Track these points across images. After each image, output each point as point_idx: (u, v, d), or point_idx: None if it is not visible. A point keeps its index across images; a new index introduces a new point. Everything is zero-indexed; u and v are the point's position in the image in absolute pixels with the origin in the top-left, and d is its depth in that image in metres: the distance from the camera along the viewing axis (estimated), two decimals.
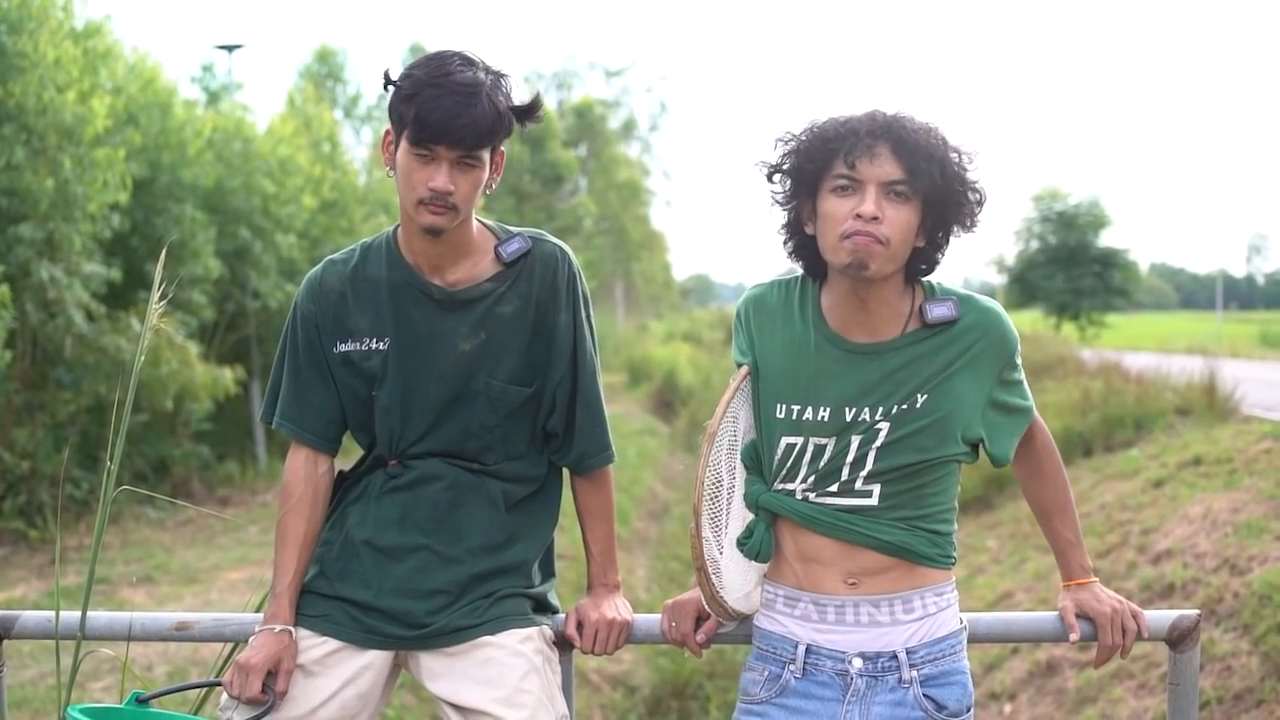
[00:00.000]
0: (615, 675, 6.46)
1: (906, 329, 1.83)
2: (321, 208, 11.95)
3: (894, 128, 1.74)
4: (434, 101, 1.80)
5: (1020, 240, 31.75)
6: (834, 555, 1.82)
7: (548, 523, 2.08)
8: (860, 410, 1.80)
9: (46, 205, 7.51)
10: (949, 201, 1.77)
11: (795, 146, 1.80)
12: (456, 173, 1.85)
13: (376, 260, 2.01)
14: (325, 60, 26.27)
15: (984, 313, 1.85)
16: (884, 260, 1.74)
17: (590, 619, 2.00)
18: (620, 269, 36.53)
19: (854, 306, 1.83)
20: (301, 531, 1.99)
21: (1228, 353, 18.19)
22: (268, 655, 1.89)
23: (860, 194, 1.73)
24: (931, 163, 1.73)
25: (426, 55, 1.88)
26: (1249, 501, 6.41)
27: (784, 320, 1.88)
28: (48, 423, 8.16)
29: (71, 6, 8.02)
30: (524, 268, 1.99)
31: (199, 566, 7.27)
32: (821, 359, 1.83)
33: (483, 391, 1.97)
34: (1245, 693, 4.66)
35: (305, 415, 2.03)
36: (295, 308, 2.05)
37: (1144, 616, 1.94)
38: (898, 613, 1.83)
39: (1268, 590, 5.10)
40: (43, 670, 4.96)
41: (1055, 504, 1.99)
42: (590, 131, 33.97)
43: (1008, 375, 1.87)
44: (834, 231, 1.74)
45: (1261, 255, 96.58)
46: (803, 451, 1.83)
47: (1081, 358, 14.36)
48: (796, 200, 1.82)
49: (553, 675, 1.97)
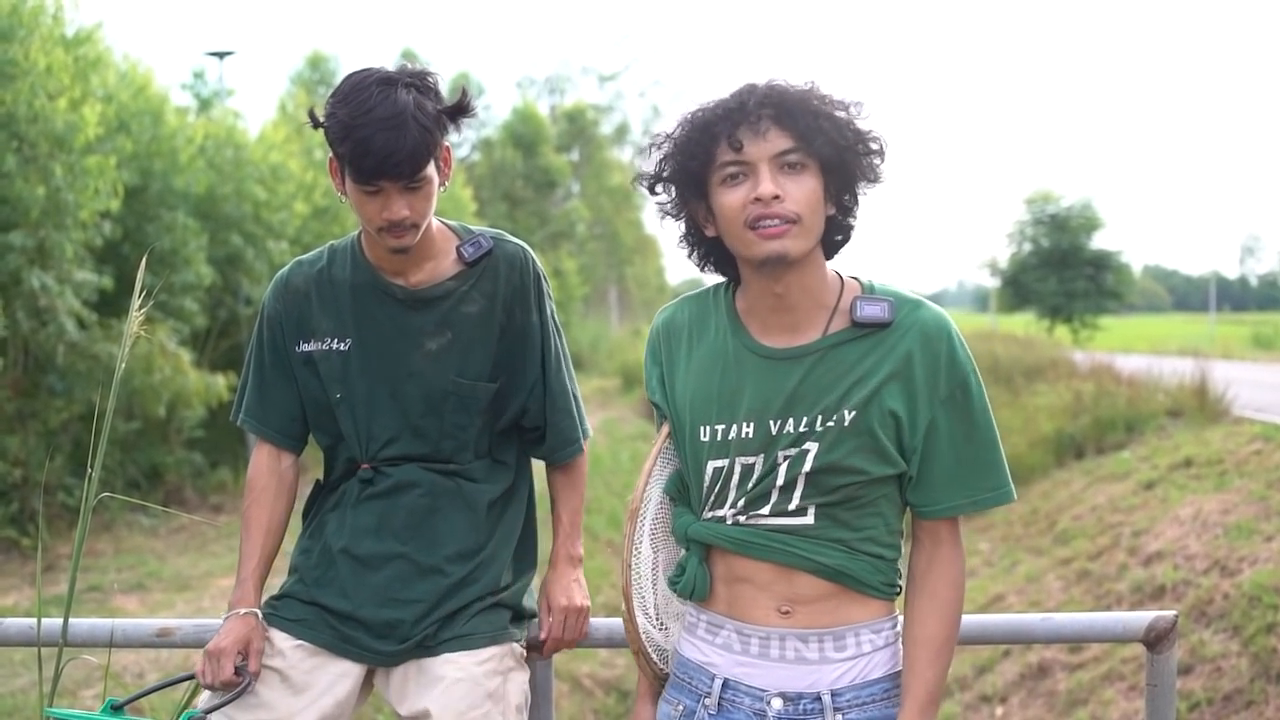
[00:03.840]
0: (607, 680, 6.46)
1: (830, 328, 1.63)
2: (313, 214, 11.98)
3: (772, 96, 1.57)
4: (365, 144, 1.78)
5: (1013, 243, 31.80)
6: (768, 579, 1.64)
7: (520, 516, 2.10)
8: (784, 423, 1.61)
9: (38, 213, 7.51)
10: (847, 158, 1.59)
11: (672, 147, 1.63)
12: (407, 197, 1.85)
13: (342, 262, 2.03)
14: (317, 66, 26.27)
15: (922, 320, 1.62)
16: (800, 238, 1.57)
17: (559, 605, 2.03)
18: (613, 274, 36.58)
19: (772, 305, 1.65)
20: (264, 520, 2.01)
21: (1220, 354, 18.26)
22: (236, 638, 1.89)
23: (753, 176, 1.56)
24: (819, 121, 1.56)
25: (344, 88, 1.84)
26: (1239, 503, 6.44)
27: (699, 336, 1.73)
28: (39, 430, 8.16)
29: (62, 14, 8.02)
30: (486, 266, 2.01)
31: (191, 574, 7.27)
32: (741, 370, 1.66)
33: (453, 391, 1.98)
34: (1235, 693, 4.67)
35: (268, 412, 2.05)
36: (263, 307, 2.08)
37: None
38: (828, 650, 1.63)
39: (1257, 591, 5.12)
40: (34, 679, 4.96)
41: (934, 636, 1.64)
42: (583, 136, 34.03)
43: (954, 402, 1.61)
44: (737, 224, 1.58)
45: (1254, 256, 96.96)
46: (730, 474, 1.65)
47: (1074, 360, 14.40)
48: (687, 205, 1.66)
49: (513, 697, 1.96)
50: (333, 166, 1.92)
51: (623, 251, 36.41)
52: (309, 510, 2.09)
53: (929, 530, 1.66)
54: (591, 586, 2.21)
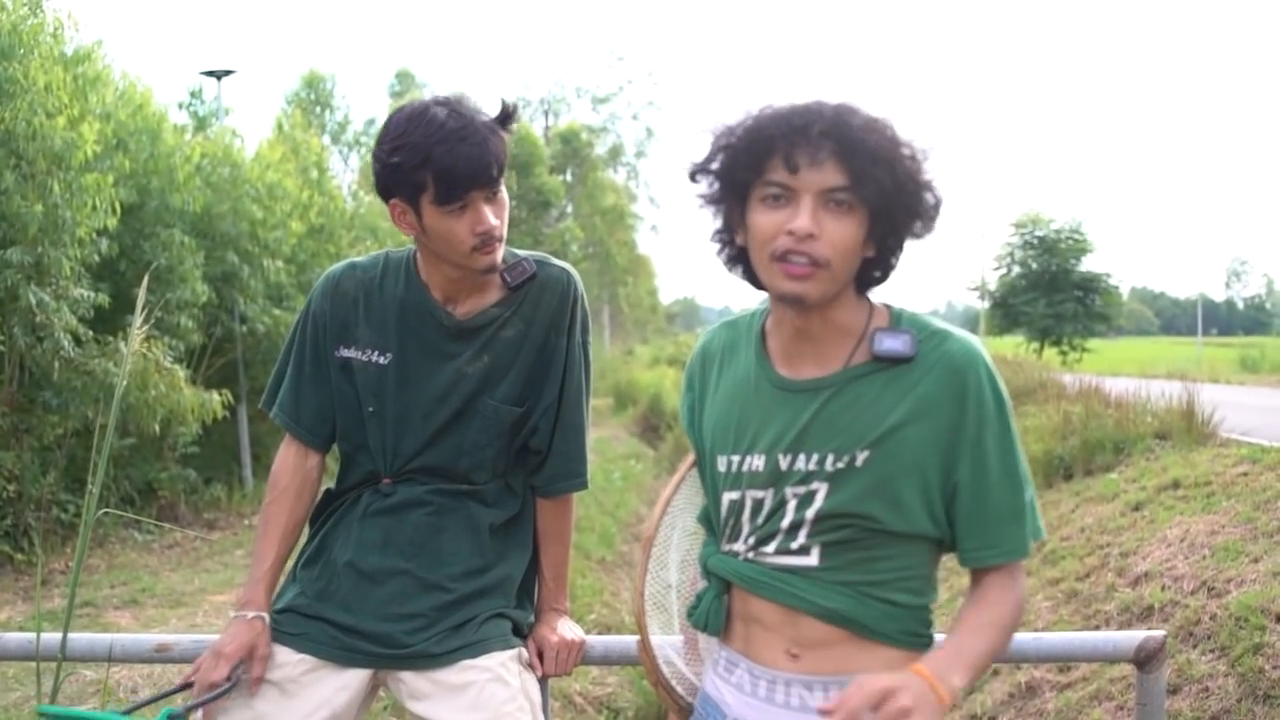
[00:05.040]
0: (599, 698, 6.47)
1: (852, 360, 1.54)
2: (309, 233, 11.99)
3: (839, 125, 1.45)
4: (450, 156, 1.78)
5: (1002, 266, 32.00)
6: (776, 621, 1.56)
7: (527, 546, 2.09)
8: (794, 459, 1.53)
9: (35, 230, 7.52)
10: (899, 207, 1.48)
11: (729, 142, 1.52)
12: (493, 208, 1.87)
13: (395, 275, 2.02)
14: (313, 86, 26.39)
15: (948, 355, 1.50)
16: (824, 283, 1.47)
17: (551, 642, 2.03)
18: (606, 294, 36.61)
19: (794, 334, 1.56)
20: (283, 521, 2.01)
21: (1207, 377, 18.34)
22: (240, 644, 1.89)
23: (795, 204, 1.46)
24: (879, 165, 1.44)
25: (399, 121, 1.84)
26: (1226, 524, 6.49)
27: (729, 362, 1.65)
28: (35, 446, 8.15)
29: (62, 33, 8.05)
30: (529, 291, 2.01)
31: (185, 590, 7.27)
32: (760, 400, 1.58)
33: (480, 412, 1.99)
34: (1222, 714, 4.70)
35: (302, 410, 2.05)
36: (309, 303, 2.06)
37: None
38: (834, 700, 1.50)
39: (1244, 612, 5.16)
40: (28, 693, 4.97)
41: (979, 621, 1.52)
42: (576, 157, 34.15)
43: (981, 444, 1.49)
44: (764, 251, 1.48)
45: (1241, 280, 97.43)
46: (742, 508, 1.58)
47: (1062, 382, 14.46)
48: (725, 204, 1.56)
49: (536, 697, 1.98)
50: (397, 210, 1.89)
51: (616, 272, 36.43)
52: (316, 516, 2.10)
53: (982, 575, 1.55)
54: (583, 605, 2.23)
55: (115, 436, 8.59)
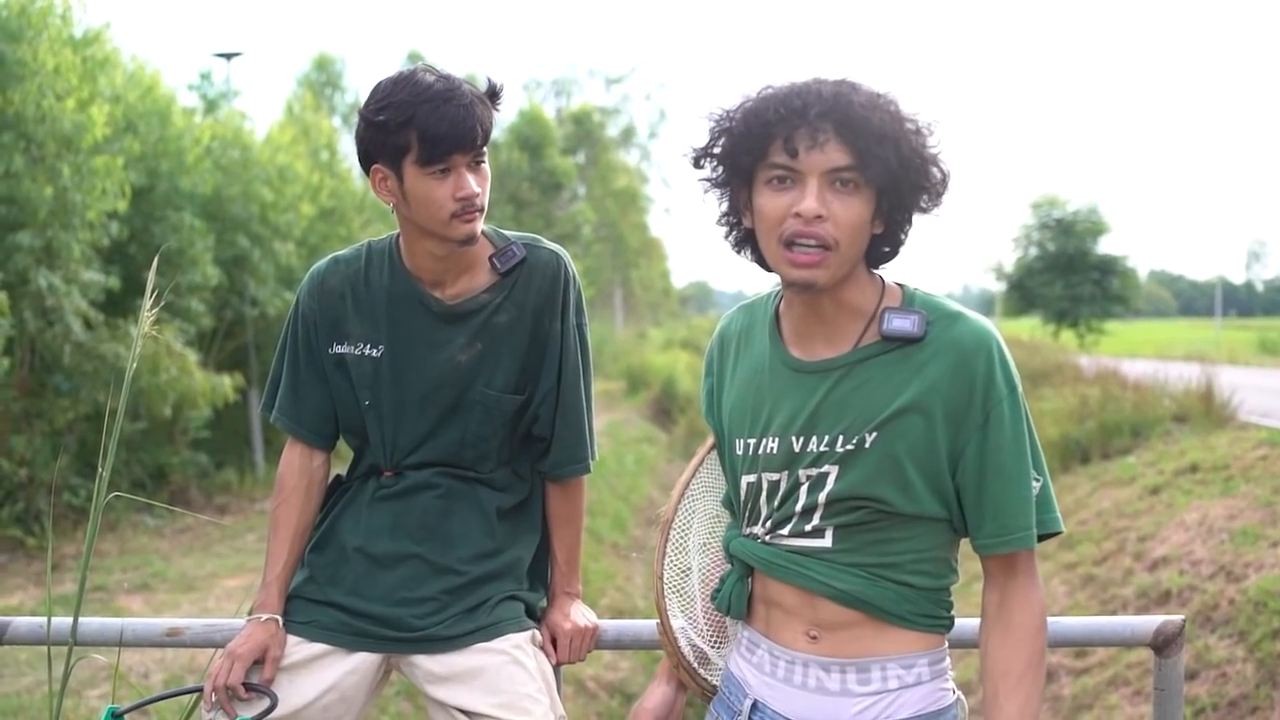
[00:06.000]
0: (612, 683, 6.47)
1: (862, 340, 1.52)
2: (320, 215, 11.98)
3: (839, 106, 1.43)
4: (434, 116, 1.79)
5: (1019, 247, 31.83)
6: (795, 603, 1.57)
7: (536, 529, 2.08)
8: (806, 440, 1.53)
9: (45, 213, 7.53)
10: (906, 183, 1.47)
11: (728, 127, 1.51)
12: (475, 177, 1.86)
13: (379, 266, 2.01)
14: (324, 68, 26.35)
15: (958, 337, 1.49)
16: (834, 267, 1.47)
17: (564, 630, 2.02)
18: (619, 276, 36.56)
19: (805, 315, 1.56)
20: (293, 523, 2.01)
21: (1226, 360, 18.26)
22: (254, 645, 1.89)
23: (800, 187, 1.45)
24: (883, 143, 1.43)
25: (392, 82, 1.84)
26: (1245, 508, 6.43)
27: (745, 346, 1.65)
28: (46, 430, 8.17)
29: (70, 15, 8.04)
30: (519, 276, 1.99)
31: (196, 574, 7.28)
32: (775, 383, 1.58)
33: (479, 401, 1.98)
34: (1240, 699, 4.67)
35: (301, 411, 2.04)
36: (297, 303, 2.05)
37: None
38: (850, 682, 1.54)
39: (1263, 597, 5.11)
40: (39, 678, 4.97)
41: (1010, 668, 1.50)
42: (589, 139, 34.03)
43: (990, 429, 1.48)
44: (772, 235, 1.48)
45: (1261, 262, 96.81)
46: (758, 491, 1.58)
47: (1079, 365, 14.39)
48: (732, 186, 1.54)
49: (551, 679, 1.97)
50: (378, 176, 1.88)
51: (628, 254, 36.39)
52: (324, 502, 2.09)
53: (994, 565, 1.54)
54: (596, 589, 2.20)
55: (126, 420, 8.55)
